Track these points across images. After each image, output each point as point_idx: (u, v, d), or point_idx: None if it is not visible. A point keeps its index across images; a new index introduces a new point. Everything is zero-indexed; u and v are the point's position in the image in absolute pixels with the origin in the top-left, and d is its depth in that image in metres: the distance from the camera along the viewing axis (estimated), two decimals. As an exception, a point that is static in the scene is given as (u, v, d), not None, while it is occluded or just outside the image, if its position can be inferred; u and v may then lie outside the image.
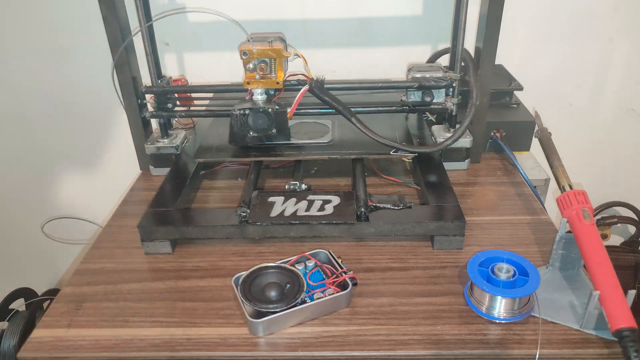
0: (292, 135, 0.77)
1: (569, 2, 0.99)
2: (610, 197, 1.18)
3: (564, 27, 1.02)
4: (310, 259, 0.58)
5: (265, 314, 0.51)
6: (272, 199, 0.66)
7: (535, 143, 0.80)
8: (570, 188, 0.62)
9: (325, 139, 0.77)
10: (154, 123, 0.82)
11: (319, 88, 0.70)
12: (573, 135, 1.12)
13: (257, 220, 0.63)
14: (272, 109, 0.71)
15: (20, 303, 0.99)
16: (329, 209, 0.64)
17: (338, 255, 0.59)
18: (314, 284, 0.55)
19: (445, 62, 0.92)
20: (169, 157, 0.80)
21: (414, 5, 0.99)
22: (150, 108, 0.80)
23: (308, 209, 0.64)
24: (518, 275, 0.54)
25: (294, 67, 0.73)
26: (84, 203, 1.19)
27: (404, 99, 0.80)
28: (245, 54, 0.69)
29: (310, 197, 0.66)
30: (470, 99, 0.72)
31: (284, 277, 0.55)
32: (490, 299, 0.53)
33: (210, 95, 0.92)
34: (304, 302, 0.53)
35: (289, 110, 0.72)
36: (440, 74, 0.77)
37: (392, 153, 0.72)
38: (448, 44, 0.87)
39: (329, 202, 0.65)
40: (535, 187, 0.77)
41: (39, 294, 1.01)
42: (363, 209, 0.64)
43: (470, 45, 0.77)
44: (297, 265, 0.57)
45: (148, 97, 0.79)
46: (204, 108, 0.85)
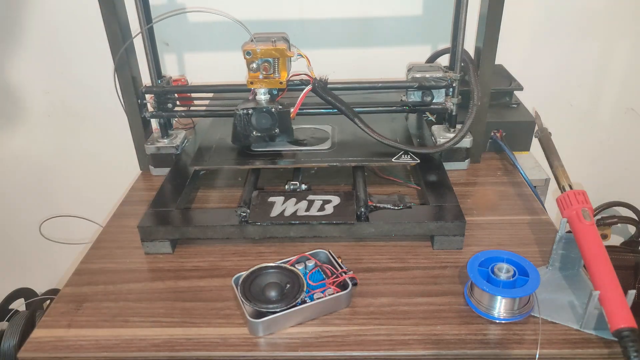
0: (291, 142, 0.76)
1: (569, 2, 0.99)
2: (610, 197, 1.18)
3: (564, 27, 1.02)
4: (310, 259, 0.58)
5: (265, 314, 0.51)
6: (272, 199, 0.66)
7: (535, 143, 0.80)
8: (570, 188, 0.62)
9: (325, 146, 0.76)
10: (154, 123, 0.82)
11: (322, 88, 0.70)
12: (573, 135, 1.12)
13: (257, 220, 0.63)
14: (275, 109, 0.71)
15: (20, 303, 0.99)
16: (329, 209, 0.64)
17: (338, 255, 0.59)
18: (314, 284, 0.55)
19: (445, 62, 0.92)
20: (169, 157, 0.80)
21: (414, 5, 0.99)
22: (150, 108, 0.80)
23: (308, 209, 0.64)
24: (518, 275, 0.54)
25: (296, 67, 0.73)
26: (84, 203, 1.19)
27: (404, 99, 0.80)
28: (249, 54, 0.68)
29: (310, 197, 0.66)
30: (472, 99, 0.72)
31: (284, 277, 0.55)
32: (490, 299, 0.53)
33: (210, 95, 0.92)
34: (304, 302, 0.53)
35: (292, 110, 0.72)
36: (440, 74, 0.77)
37: (394, 160, 0.71)
38: (448, 44, 0.87)
39: (329, 202, 0.65)
40: (535, 187, 0.77)
41: (39, 294, 1.01)
42: (363, 209, 0.64)
43: (470, 45, 0.77)
44: (297, 265, 0.57)
45: (148, 97, 0.79)
46: (204, 108, 0.85)
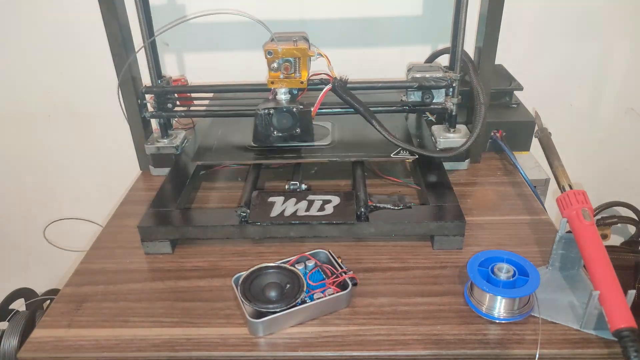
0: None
1: (569, 2, 0.99)
2: (610, 197, 1.18)
3: (564, 27, 1.02)
4: (310, 259, 0.58)
5: (265, 314, 0.51)
6: (272, 199, 0.66)
7: (535, 143, 0.80)
8: (570, 188, 0.62)
9: (325, 142, 0.77)
10: (154, 123, 0.82)
11: (342, 88, 0.70)
12: (573, 135, 1.12)
13: (257, 220, 0.63)
14: (296, 109, 0.71)
15: (21, 303, 0.99)
16: (329, 209, 0.64)
17: (338, 255, 0.59)
18: (314, 284, 0.55)
19: (445, 62, 0.92)
20: (169, 157, 0.80)
21: (414, 5, 0.99)
22: (150, 108, 0.80)
23: (308, 209, 0.64)
24: (518, 275, 0.54)
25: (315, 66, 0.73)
26: (84, 203, 1.19)
27: (404, 99, 0.80)
28: (270, 53, 0.68)
29: (310, 197, 0.66)
30: (477, 99, 0.72)
31: (284, 277, 0.55)
32: (490, 299, 0.53)
33: (210, 95, 0.92)
34: (304, 302, 0.53)
35: (312, 110, 0.72)
36: (440, 74, 0.77)
37: (392, 155, 0.72)
38: (448, 44, 0.87)
39: (329, 202, 0.65)
40: (535, 187, 0.77)
41: (39, 294, 1.01)
42: (363, 209, 0.64)
43: (470, 45, 0.77)
44: (297, 265, 0.57)
45: (148, 97, 0.79)
46: (204, 108, 0.85)
